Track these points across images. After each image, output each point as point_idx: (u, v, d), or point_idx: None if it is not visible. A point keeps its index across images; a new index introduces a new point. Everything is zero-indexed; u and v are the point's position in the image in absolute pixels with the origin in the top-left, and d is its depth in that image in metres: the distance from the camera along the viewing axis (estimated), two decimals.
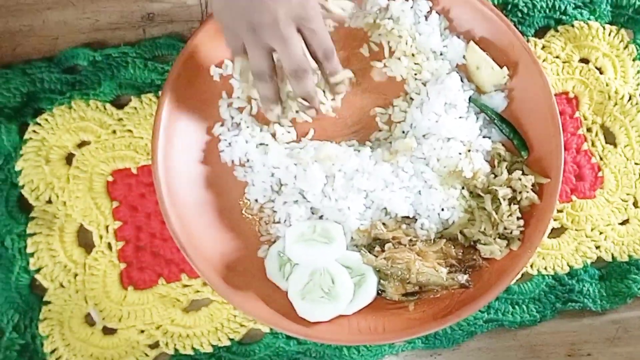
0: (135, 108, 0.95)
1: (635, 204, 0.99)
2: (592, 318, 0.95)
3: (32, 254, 0.90)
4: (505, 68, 0.94)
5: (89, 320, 0.90)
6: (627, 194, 0.98)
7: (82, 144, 0.94)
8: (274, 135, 0.93)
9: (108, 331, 0.90)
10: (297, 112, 0.92)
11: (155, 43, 0.96)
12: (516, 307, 0.94)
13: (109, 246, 0.91)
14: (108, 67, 0.95)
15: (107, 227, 0.92)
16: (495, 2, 1.02)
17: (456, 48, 0.96)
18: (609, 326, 0.95)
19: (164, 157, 0.88)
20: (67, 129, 0.93)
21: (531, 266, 0.95)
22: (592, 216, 0.97)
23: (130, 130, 0.94)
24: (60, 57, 0.95)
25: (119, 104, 0.95)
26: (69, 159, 0.94)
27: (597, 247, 0.97)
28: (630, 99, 1.01)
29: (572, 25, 1.02)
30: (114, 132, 0.94)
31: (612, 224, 0.97)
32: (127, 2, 0.98)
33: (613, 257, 0.97)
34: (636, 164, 0.99)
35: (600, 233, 0.97)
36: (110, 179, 0.93)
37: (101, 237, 0.91)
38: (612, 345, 0.94)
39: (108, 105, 0.95)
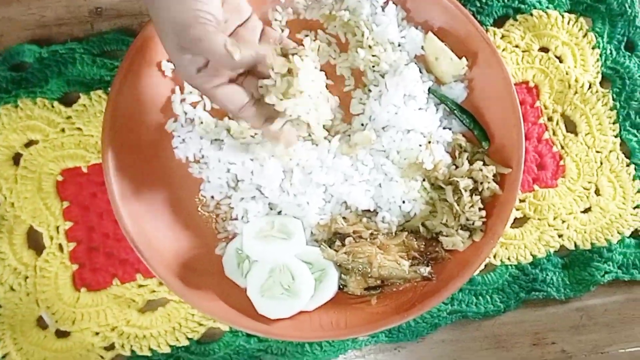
0: (85, 105, 0.92)
1: (597, 192, 0.98)
2: (556, 307, 0.95)
3: None
4: (464, 58, 0.94)
5: (42, 324, 0.88)
6: (589, 182, 0.98)
7: (30, 144, 0.92)
8: (229, 130, 0.91)
9: (61, 334, 0.88)
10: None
11: (104, 38, 0.94)
12: (480, 297, 0.93)
13: (60, 247, 0.89)
14: (55, 63, 0.93)
15: (57, 227, 0.89)
16: None
17: (414, 39, 0.95)
18: (573, 314, 0.95)
19: (115, 155, 0.85)
20: (13, 129, 0.91)
21: (494, 256, 0.94)
22: (555, 205, 0.97)
23: (79, 128, 0.92)
24: (5, 54, 0.93)
25: (67, 102, 0.93)
26: (16, 159, 0.91)
27: (560, 236, 0.96)
28: (590, 87, 1.01)
29: (531, 14, 1.02)
30: (63, 130, 0.92)
31: (575, 212, 0.97)
32: None
33: (576, 246, 0.96)
34: (597, 152, 0.99)
35: (563, 222, 0.97)
36: (59, 178, 0.91)
37: (52, 238, 0.89)
38: (577, 333, 0.94)
39: (56, 103, 0.92)
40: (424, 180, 0.91)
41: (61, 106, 0.92)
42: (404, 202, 0.90)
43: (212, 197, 0.90)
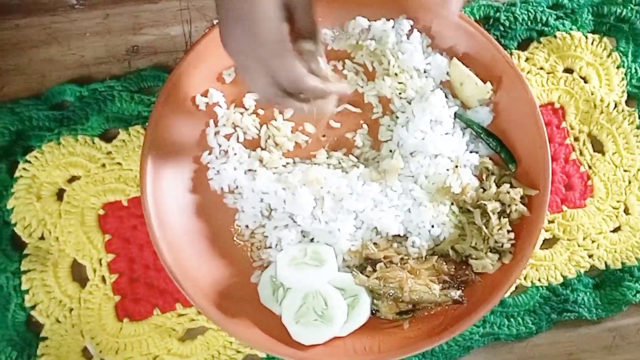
0: (124, 140, 0.96)
1: (626, 211, 0.99)
2: (588, 327, 0.95)
3: (27, 291, 0.90)
4: (489, 83, 0.95)
5: (86, 355, 0.90)
6: (618, 202, 0.99)
7: (72, 179, 0.95)
8: (261, 160, 0.93)
9: None
10: None
11: (141, 75, 0.98)
12: (511, 319, 0.94)
13: (103, 279, 0.92)
14: (95, 101, 0.96)
15: (100, 260, 0.92)
16: (477, 17, 1.03)
17: (439, 65, 0.97)
18: (606, 334, 0.95)
19: (153, 188, 0.88)
20: (56, 165, 0.94)
21: (525, 278, 0.95)
22: (584, 225, 0.97)
23: (119, 163, 0.95)
24: (47, 94, 0.96)
25: (107, 138, 0.96)
26: (59, 194, 0.94)
27: (590, 256, 0.97)
28: (615, 106, 1.01)
29: (555, 36, 1.03)
30: (104, 165, 0.95)
31: (604, 232, 0.97)
32: (112, 37, 0.99)
33: (606, 265, 0.97)
34: (625, 171, 1.00)
35: (593, 242, 0.97)
36: (101, 212, 0.94)
37: (95, 271, 0.92)
38: (610, 353, 0.94)
39: (96, 140, 0.96)
40: (452, 204, 0.92)
41: (102, 142, 0.96)
42: (433, 226, 0.92)
43: (247, 226, 0.92)
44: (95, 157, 0.95)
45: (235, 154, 0.93)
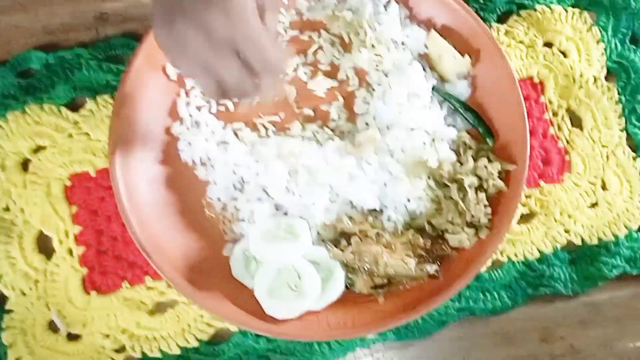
0: (92, 110, 0.93)
1: (603, 187, 0.98)
2: (564, 302, 0.94)
3: None
4: (467, 56, 0.94)
5: (53, 327, 0.88)
6: (595, 177, 0.98)
7: (38, 149, 0.92)
8: (234, 132, 0.91)
9: (72, 337, 0.88)
10: None
11: (110, 43, 0.95)
12: (487, 294, 0.93)
13: (70, 251, 0.90)
14: (62, 69, 0.93)
15: (67, 232, 0.90)
16: None
17: (417, 37, 0.95)
18: (581, 309, 0.94)
19: (122, 159, 0.86)
20: (22, 135, 0.91)
21: (501, 253, 0.94)
22: (561, 200, 0.96)
23: (87, 133, 0.93)
24: (12, 61, 0.93)
25: (74, 107, 0.94)
26: (25, 165, 0.92)
27: (567, 232, 0.96)
28: (595, 81, 1.00)
29: (535, 10, 1.02)
30: (71, 135, 0.92)
31: (581, 207, 0.97)
32: (80, 3, 0.96)
33: (583, 241, 0.96)
34: (603, 146, 0.99)
35: (570, 217, 0.96)
36: (68, 183, 0.91)
37: (61, 243, 0.90)
38: (585, 327, 0.94)
39: (63, 109, 0.93)
40: (429, 178, 0.91)
41: (68, 112, 0.93)
42: (409, 200, 0.90)
43: (219, 199, 0.90)
44: (62, 127, 0.92)
45: (207, 125, 0.91)
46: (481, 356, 0.92)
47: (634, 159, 0.99)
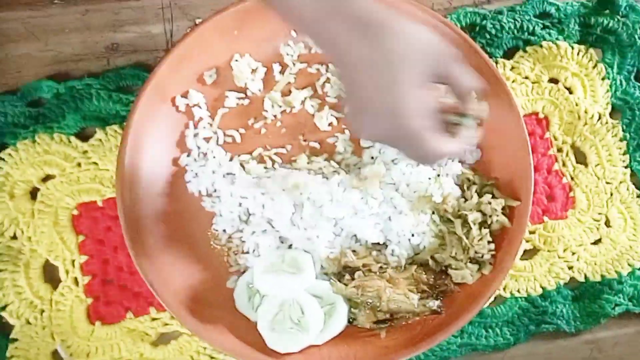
0: (100, 140, 0.94)
1: (607, 224, 0.98)
2: (566, 339, 0.95)
3: None
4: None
5: (57, 357, 0.89)
6: (599, 214, 0.98)
7: (47, 178, 0.93)
8: (241, 164, 0.92)
9: None
10: None
11: (120, 74, 0.96)
12: (489, 330, 0.93)
13: (76, 281, 0.90)
14: (72, 99, 0.94)
15: (73, 261, 0.90)
16: (463, 24, 1.02)
17: None
18: (583, 347, 0.94)
19: (129, 189, 0.86)
20: (31, 163, 0.92)
21: (504, 289, 0.95)
22: (564, 237, 0.97)
23: (95, 163, 0.93)
24: (23, 90, 0.94)
25: (83, 137, 0.94)
26: (33, 193, 0.92)
27: (570, 268, 0.96)
28: (599, 118, 1.01)
29: (541, 46, 1.02)
30: (79, 165, 0.93)
31: (585, 244, 0.97)
32: (91, 33, 0.97)
33: (586, 278, 0.96)
34: (607, 183, 0.99)
35: (573, 253, 0.97)
36: (75, 212, 0.92)
37: (67, 272, 0.90)
38: None
39: (72, 138, 0.94)
40: (433, 213, 0.91)
41: (78, 141, 0.94)
42: (413, 235, 0.91)
43: (224, 230, 0.91)
44: (71, 156, 0.93)
45: (214, 157, 0.92)
46: None
47: (638, 196, 0.99)
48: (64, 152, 0.93)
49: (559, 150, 1.00)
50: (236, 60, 0.94)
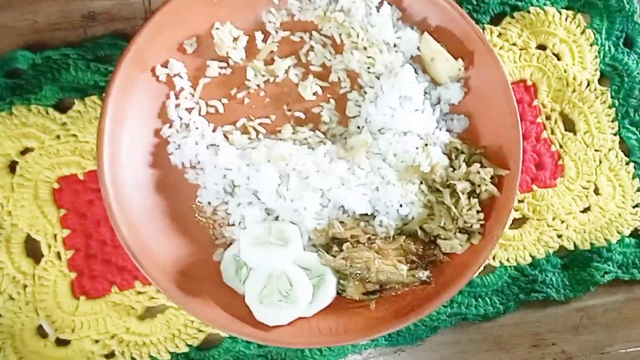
0: (79, 111, 0.92)
1: (596, 192, 0.98)
2: (556, 307, 0.95)
3: None
4: (460, 59, 0.93)
5: (41, 332, 0.88)
6: (588, 182, 0.98)
7: (26, 151, 0.91)
8: (225, 135, 0.90)
9: (61, 342, 0.88)
10: None
11: (97, 43, 0.93)
12: (479, 300, 0.93)
13: (58, 255, 0.89)
14: (49, 69, 0.92)
15: (55, 235, 0.89)
16: None
17: (410, 39, 0.94)
18: (573, 314, 0.94)
19: (111, 161, 0.85)
20: (8, 136, 0.90)
21: (493, 258, 0.94)
22: (554, 205, 0.96)
23: (74, 135, 0.91)
24: None
25: (62, 108, 0.93)
26: (12, 167, 0.91)
27: (559, 236, 0.96)
28: (588, 84, 1.00)
29: (528, 11, 1.01)
30: (58, 137, 0.91)
31: (574, 212, 0.97)
32: (67, 2, 0.95)
33: (575, 246, 0.96)
34: (596, 150, 0.98)
35: (562, 222, 0.96)
36: (56, 186, 0.90)
37: (50, 247, 0.89)
38: (577, 333, 0.94)
39: (50, 110, 0.92)
40: (421, 183, 0.90)
41: (56, 113, 0.92)
42: (401, 205, 0.90)
43: (209, 203, 0.90)
44: (50, 128, 0.91)
45: (196, 128, 0.90)
46: None
47: (627, 163, 0.98)
48: (42, 124, 0.91)
49: (548, 117, 0.99)
50: (217, 29, 0.92)
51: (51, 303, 0.88)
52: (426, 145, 0.90)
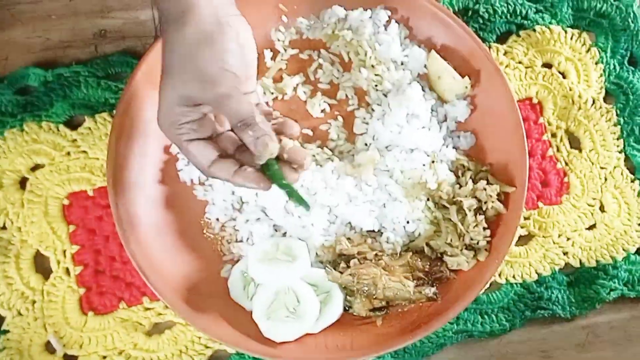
0: (90, 128, 0.93)
1: (601, 209, 0.98)
2: (562, 325, 0.94)
3: None
4: (467, 77, 0.93)
5: (49, 348, 0.88)
6: (594, 199, 0.98)
7: (36, 167, 0.92)
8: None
9: (69, 358, 0.88)
10: None
11: (108, 61, 0.94)
12: (485, 317, 0.93)
13: (67, 271, 0.89)
14: (60, 87, 0.93)
15: (64, 251, 0.90)
16: (456, 9, 1.01)
17: (417, 57, 0.95)
18: (579, 332, 0.94)
19: (120, 178, 0.85)
20: (19, 153, 0.91)
21: (499, 275, 0.94)
22: (559, 222, 0.96)
23: (85, 152, 0.92)
24: (10, 78, 0.93)
25: (72, 125, 0.93)
26: (22, 183, 0.91)
27: (565, 254, 0.96)
28: (593, 102, 1.00)
29: (534, 30, 1.01)
30: (68, 154, 0.92)
31: (579, 229, 0.97)
32: (78, 19, 0.96)
33: (581, 263, 0.96)
34: (601, 168, 0.99)
35: (568, 239, 0.96)
36: (65, 202, 0.91)
37: (59, 262, 0.89)
38: (583, 350, 0.94)
39: (61, 127, 0.92)
40: (428, 200, 0.91)
41: (67, 129, 0.93)
42: (408, 222, 0.90)
43: (217, 219, 0.90)
44: (60, 145, 0.92)
45: None
46: None
47: (632, 181, 0.99)
48: (52, 140, 0.92)
49: (553, 135, 1.00)
50: None
51: (59, 319, 0.88)
52: (433, 162, 0.91)
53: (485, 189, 0.90)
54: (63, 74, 0.93)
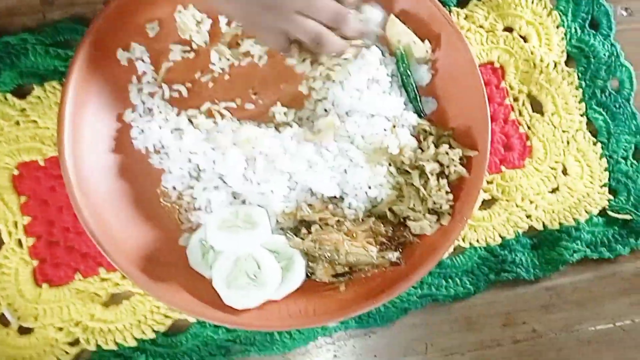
0: (39, 97, 0.90)
1: (564, 172, 0.98)
2: (526, 287, 0.94)
3: None
4: (427, 41, 0.92)
5: (3, 321, 0.86)
6: (556, 162, 0.98)
7: None
8: (190, 120, 0.89)
9: (24, 331, 0.86)
10: None
11: (57, 28, 0.91)
12: (449, 280, 0.93)
13: (19, 243, 0.87)
14: (7, 55, 0.90)
15: (15, 223, 0.87)
16: None
17: (374, 18, 0.93)
18: (543, 294, 0.94)
19: (72, 147, 0.83)
20: None
21: (463, 239, 0.94)
22: (522, 186, 0.96)
23: (34, 121, 0.90)
24: None
25: (21, 94, 0.90)
26: None
27: (528, 217, 0.96)
28: (555, 66, 1.00)
29: None
30: (17, 123, 0.89)
31: (542, 192, 0.97)
32: None
33: (544, 226, 0.96)
34: (564, 131, 0.99)
35: (531, 202, 0.96)
36: (15, 172, 0.88)
37: (10, 234, 0.87)
38: (547, 312, 0.94)
39: (9, 96, 0.90)
40: (390, 165, 0.90)
41: (15, 98, 0.90)
42: (370, 187, 0.89)
43: (174, 187, 0.88)
44: (8, 115, 0.89)
45: (160, 112, 0.89)
46: (444, 342, 0.92)
47: (594, 143, 0.99)
48: (0, 110, 0.89)
49: (515, 99, 0.99)
50: (179, 12, 0.91)
51: (13, 291, 0.86)
52: (394, 127, 0.90)
53: (447, 153, 0.89)
54: (10, 42, 0.90)
